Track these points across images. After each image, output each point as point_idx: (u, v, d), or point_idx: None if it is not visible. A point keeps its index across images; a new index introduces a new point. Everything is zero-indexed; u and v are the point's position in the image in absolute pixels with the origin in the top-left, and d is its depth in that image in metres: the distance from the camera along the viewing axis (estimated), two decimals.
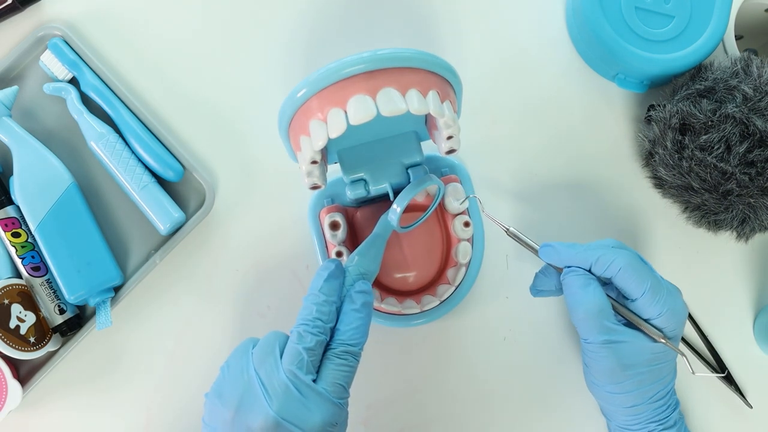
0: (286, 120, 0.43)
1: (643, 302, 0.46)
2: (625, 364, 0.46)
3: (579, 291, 0.47)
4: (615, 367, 0.46)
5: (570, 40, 0.60)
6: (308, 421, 0.40)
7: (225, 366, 0.43)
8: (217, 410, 0.41)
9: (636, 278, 0.46)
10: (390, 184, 0.49)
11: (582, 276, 0.47)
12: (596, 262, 0.47)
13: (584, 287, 0.47)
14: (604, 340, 0.46)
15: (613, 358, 0.46)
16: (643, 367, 0.46)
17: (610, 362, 0.46)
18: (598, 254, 0.47)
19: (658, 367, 0.47)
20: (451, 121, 0.43)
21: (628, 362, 0.46)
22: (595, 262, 0.47)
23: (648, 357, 0.46)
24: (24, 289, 0.52)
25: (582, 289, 0.47)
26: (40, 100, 0.56)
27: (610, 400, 0.48)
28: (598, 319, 0.46)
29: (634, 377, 0.46)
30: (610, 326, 0.46)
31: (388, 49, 0.40)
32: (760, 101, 0.50)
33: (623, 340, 0.46)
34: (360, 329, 0.43)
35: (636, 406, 0.47)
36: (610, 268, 0.46)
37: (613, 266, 0.46)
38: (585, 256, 0.47)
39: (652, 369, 0.47)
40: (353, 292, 0.44)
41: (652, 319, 0.47)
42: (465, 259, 0.52)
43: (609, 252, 0.47)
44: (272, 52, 0.58)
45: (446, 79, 0.43)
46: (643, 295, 0.46)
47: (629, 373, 0.46)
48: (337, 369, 0.42)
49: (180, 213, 0.54)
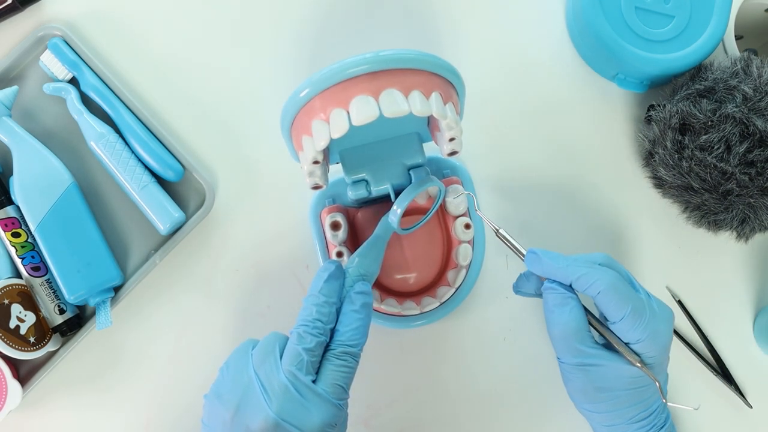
0: (288, 120, 0.43)
1: (622, 326, 0.45)
2: (598, 387, 0.45)
3: (556, 309, 0.46)
4: (588, 388, 0.46)
5: (570, 40, 0.60)
6: (307, 421, 0.40)
7: (224, 367, 0.43)
8: (217, 411, 0.41)
9: (616, 301, 0.44)
10: (391, 185, 0.49)
11: (560, 294, 0.46)
12: (577, 280, 0.45)
13: (561, 306, 0.46)
14: (577, 363, 0.45)
15: (586, 380, 0.45)
16: (620, 390, 0.45)
17: (582, 383, 0.46)
18: (580, 273, 0.45)
19: (637, 390, 0.45)
20: (453, 123, 0.43)
21: (602, 385, 0.45)
22: (575, 280, 0.45)
23: (626, 381, 0.45)
24: (24, 289, 0.52)
25: (559, 308, 0.46)
26: (40, 100, 0.56)
27: (589, 417, 0.48)
28: (572, 341, 0.45)
29: (609, 399, 0.45)
30: (584, 349, 0.45)
31: (391, 50, 0.40)
32: (760, 101, 0.50)
33: (597, 364, 0.45)
34: (359, 330, 0.43)
35: (614, 426, 0.46)
36: (591, 288, 0.45)
37: (593, 287, 0.44)
38: (567, 272, 0.45)
39: (631, 392, 0.45)
40: (353, 293, 0.44)
41: (631, 343, 0.45)
42: (465, 261, 0.52)
43: (592, 271, 0.45)
44: (273, 52, 0.58)
45: (449, 80, 0.43)
46: (622, 319, 0.44)
47: (603, 396, 0.45)
48: (336, 370, 0.42)
49: (180, 213, 0.54)
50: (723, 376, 0.56)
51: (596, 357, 0.45)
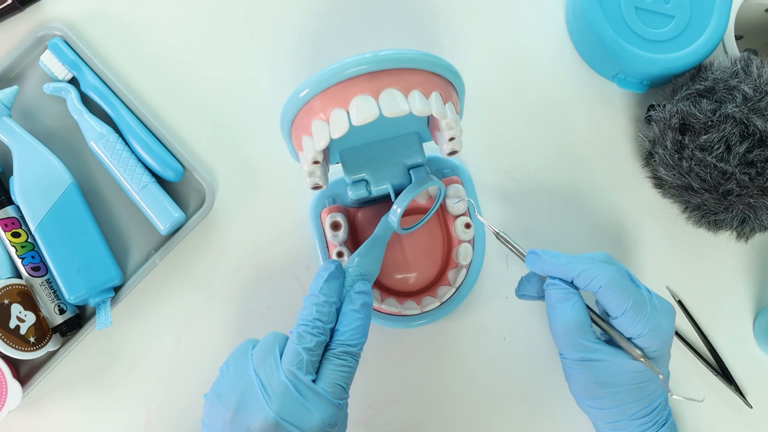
0: (288, 120, 0.43)
1: (624, 320, 0.45)
2: (601, 382, 0.45)
3: (558, 305, 0.46)
4: (590, 383, 0.46)
5: (570, 40, 0.60)
6: (307, 421, 0.40)
7: (224, 366, 0.43)
8: (216, 410, 0.41)
9: (617, 296, 0.44)
10: (391, 185, 0.49)
11: (562, 290, 0.46)
12: (578, 276, 0.45)
13: (563, 301, 0.46)
14: (579, 358, 0.45)
15: (589, 375, 0.45)
16: (623, 386, 0.45)
17: (585, 378, 0.46)
18: (581, 268, 0.45)
19: (639, 385, 0.45)
20: (453, 122, 0.43)
21: (604, 380, 0.45)
22: (576, 276, 0.45)
23: (629, 376, 0.45)
24: (24, 289, 0.52)
25: (561, 303, 0.46)
26: (40, 100, 0.56)
27: (592, 414, 0.48)
28: (575, 336, 0.45)
29: (611, 395, 0.45)
30: (586, 344, 0.45)
31: (391, 50, 0.40)
32: (760, 101, 0.50)
33: (600, 359, 0.45)
34: (359, 330, 0.43)
35: (617, 422, 0.47)
36: (592, 283, 0.45)
37: (594, 282, 0.45)
38: (568, 269, 0.46)
39: (633, 387, 0.45)
40: (353, 292, 0.44)
41: (633, 338, 0.45)
42: (466, 260, 0.52)
43: (593, 267, 0.45)
44: (273, 52, 0.58)
45: (449, 80, 0.43)
46: (624, 314, 0.45)
47: (606, 391, 0.45)
48: (336, 370, 0.42)
49: (180, 213, 0.54)
50: (723, 376, 0.56)
51: (599, 352, 0.45)
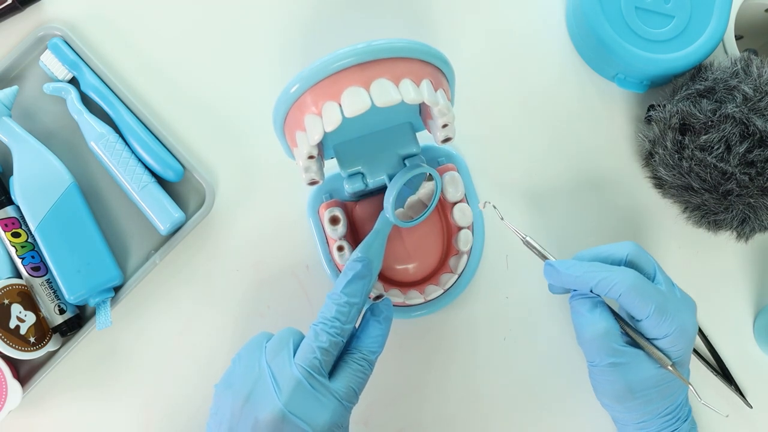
0: (280, 117, 0.43)
1: (648, 324, 0.45)
2: (632, 387, 0.45)
3: (587, 314, 0.46)
4: (622, 389, 0.46)
5: (570, 40, 0.60)
6: (317, 417, 0.40)
7: (237, 357, 0.44)
8: (226, 400, 0.42)
9: (639, 301, 0.45)
10: (387, 176, 0.49)
11: (589, 299, 0.47)
12: (597, 285, 0.45)
13: (591, 311, 0.46)
14: (610, 363, 0.45)
15: (621, 380, 0.45)
16: (651, 388, 0.46)
17: (617, 385, 0.46)
18: (599, 278, 0.45)
19: (666, 385, 0.46)
20: (445, 109, 0.43)
21: (635, 385, 0.45)
22: (595, 286, 0.45)
23: (656, 376, 0.46)
24: (24, 289, 0.52)
25: (590, 311, 0.46)
26: (40, 100, 0.56)
27: (620, 419, 0.49)
28: (605, 341, 0.45)
29: (641, 398, 0.46)
30: (617, 348, 0.45)
31: (380, 40, 0.40)
32: (760, 101, 0.50)
33: (630, 362, 0.45)
34: (378, 340, 0.45)
35: (645, 422, 0.47)
36: (611, 291, 0.45)
37: (614, 290, 0.45)
38: (585, 279, 0.46)
39: (661, 388, 0.46)
40: (381, 303, 0.46)
41: (659, 338, 0.46)
42: (466, 246, 0.52)
43: (611, 275, 0.45)
44: (272, 52, 0.58)
45: (439, 68, 0.43)
46: (648, 317, 0.45)
47: (637, 395, 0.46)
48: (353, 373, 0.43)
49: (180, 213, 0.54)
50: (723, 376, 0.56)
51: (629, 354, 0.46)
